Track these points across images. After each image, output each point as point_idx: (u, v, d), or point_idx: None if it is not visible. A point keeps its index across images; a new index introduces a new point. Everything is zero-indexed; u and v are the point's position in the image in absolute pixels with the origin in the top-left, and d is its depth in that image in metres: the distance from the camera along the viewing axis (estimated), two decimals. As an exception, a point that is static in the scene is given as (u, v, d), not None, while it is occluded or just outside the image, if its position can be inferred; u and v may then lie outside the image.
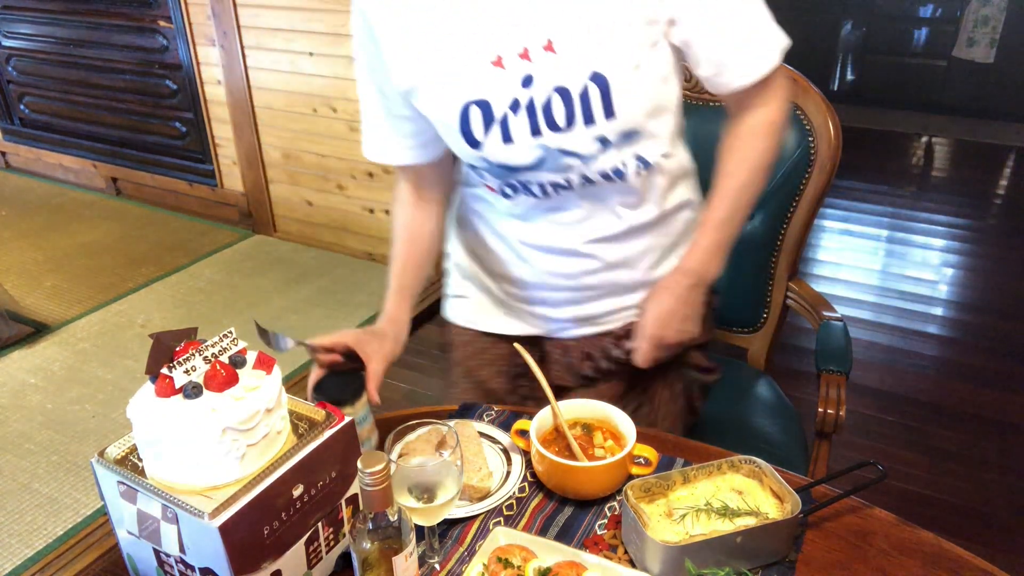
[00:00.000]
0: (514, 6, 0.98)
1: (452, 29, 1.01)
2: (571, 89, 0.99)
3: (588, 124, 1.00)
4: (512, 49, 0.99)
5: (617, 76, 0.98)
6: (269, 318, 3.03)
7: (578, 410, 1.06)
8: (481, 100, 1.02)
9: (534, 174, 1.07)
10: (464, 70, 1.02)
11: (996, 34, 4.88)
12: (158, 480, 0.77)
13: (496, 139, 1.03)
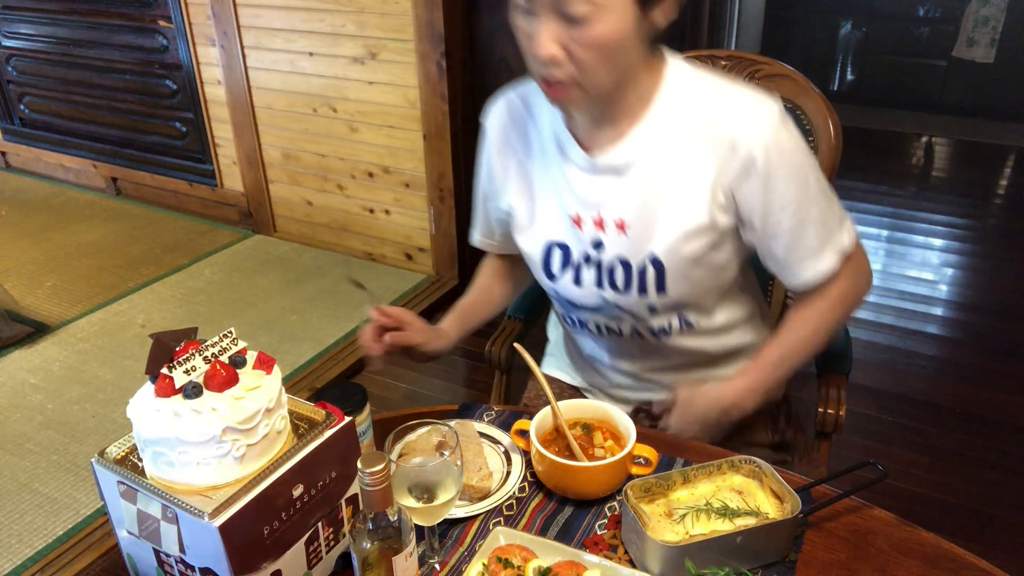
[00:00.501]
0: (601, 183, 1.10)
1: (555, 182, 1.15)
2: (632, 264, 1.11)
3: (641, 294, 1.12)
4: (590, 215, 1.12)
5: (674, 264, 1.09)
6: (269, 318, 3.03)
7: (578, 410, 1.06)
8: (563, 243, 1.16)
9: (593, 315, 1.20)
10: (552, 215, 1.16)
11: (996, 34, 4.88)
12: (158, 480, 0.77)
13: (569, 279, 1.17)
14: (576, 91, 1.00)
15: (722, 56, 1.55)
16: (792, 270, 1.12)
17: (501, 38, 2.87)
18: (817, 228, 1.09)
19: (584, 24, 0.93)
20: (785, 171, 1.04)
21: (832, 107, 1.47)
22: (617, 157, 1.08)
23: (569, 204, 1.14)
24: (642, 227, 1.09)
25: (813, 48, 5.41)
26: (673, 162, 1.06)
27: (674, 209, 1.07)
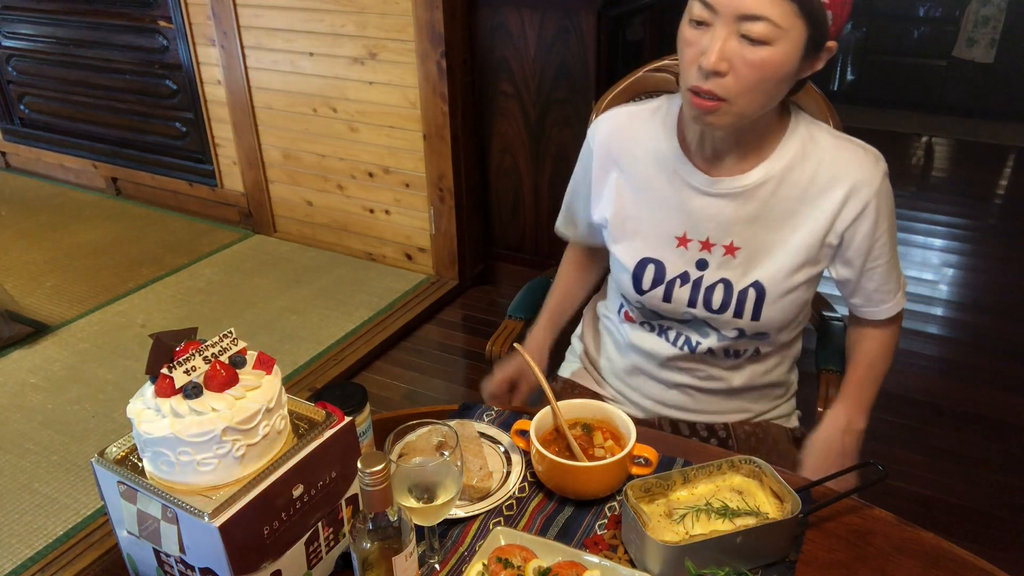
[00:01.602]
0: (726, 212, 1.14)
1: (662, 200, 1.19)
2: (735, 285, 1.17)
3: (737, 316, 1.17)
4: (698, 236, 1.17)
5: (774, 293, 1.16)
6: (269, 318, 3.03)
7: (578, 410, 1.06)
8: (658, 260, 1.20)
9: (679, 327, 1.24)
10: (651, 233, 1.20)
11: (996, 34, 4.88)
12: (158, 480, 0.77)
13: (658, 295, 1.21)
14: (726, 107, 1.03)
15: (722, 56, 1.55)
16: (878, 304, 1.23)
17: (501, 38, 2.87)
18: (896, 269, 1.24)
19: (759, 46, 0.98)
20: (887, 216, 1.16)
21: (832, 107, 1.47)
22: (741, 184, 1.13)
23: (676, 224, 1.18)
24: (751, 253, 1.16)
25: (813, 48, 5.40)
26: (791, 200, 1.13)
27: (786, 242, 1.14)
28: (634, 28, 3.00)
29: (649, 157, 1.20)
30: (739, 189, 1.14)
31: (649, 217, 1.21)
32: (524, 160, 3.04)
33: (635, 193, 1.22)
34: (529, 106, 2.93)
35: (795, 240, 1.14)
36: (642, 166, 1.21)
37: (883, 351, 1.28)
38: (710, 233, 1.17)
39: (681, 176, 1.17)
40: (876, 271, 1.20)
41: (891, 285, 1.23)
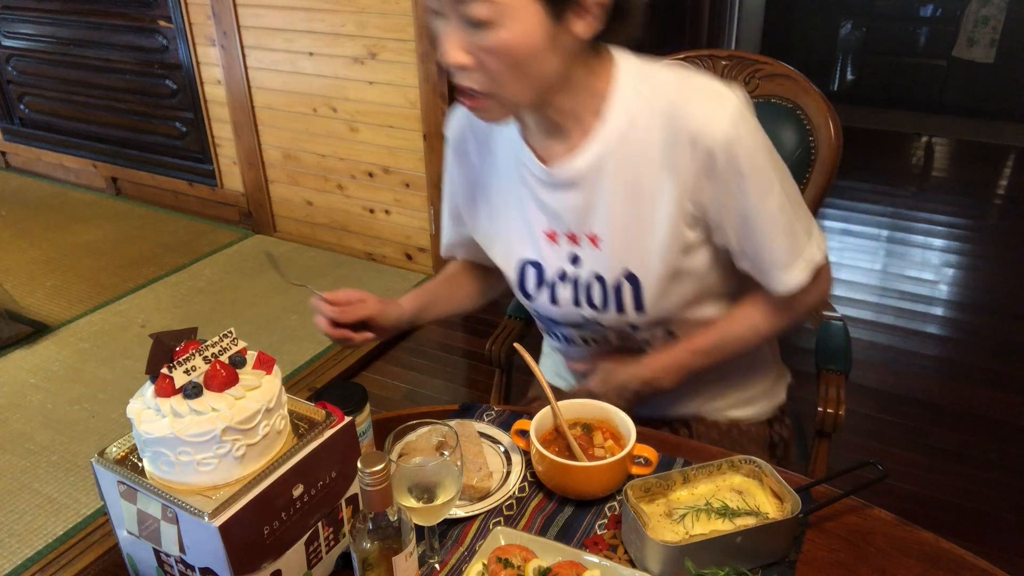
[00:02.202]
0: (574, 200, 1.05)
1: (521, 198, 1.11)
2: (607, 280, 1.07)
3: (619, 312, 1.09)
4: (562, 229, 1.09)
5: (649, 279, 1.05)
6: (269, 318, 3.03)
7: (578, 410, 1.06)
8: (536, 262, 1.12)
9: (574, 331, 1.17)
10: (521, 232, 1.12)
11: (996, 34, 4.88)
12: (158, 480, 0.77)
13: (545, 298, 1.14)
14: (491, 102, 0.95)
15: (722, 56, 1.55)
16: (761, 276, 1.07)
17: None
18: (786, 239, 1.03)
19: (487, 29, 0.88)
20: (748, 171, 0.97)
21: (832, 107, 1.47)
22: (573, 170, 1.03)
23: (539, 219, 1.10)
24: (615, 241, 1.05)
25: (813, 48, 5.41)
26: (636, 171, 1.00)
27: (644, 221, 1.02)
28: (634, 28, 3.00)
29: (503, 150, 1.11)
30: (574, 176, 1.03)
31: (518, 215, 1.11)
32: (524, 160, 3.04)
33: (499, 190, 1.13)
34: (529, 106, 2.93)
35: (657, 218, 1.01)
36: (501, 161, 1.12)
37: (753, 328, 1.12)
38: (570, 224, 1.07)
39: (528, 167, 1.08)
40: (747, 244, 1.03)
41: (779, 257, 1.03)
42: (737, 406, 1.27)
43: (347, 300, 1.15)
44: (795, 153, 1.49)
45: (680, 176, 0.98)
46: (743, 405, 1.28)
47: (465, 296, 1.33)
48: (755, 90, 1.53)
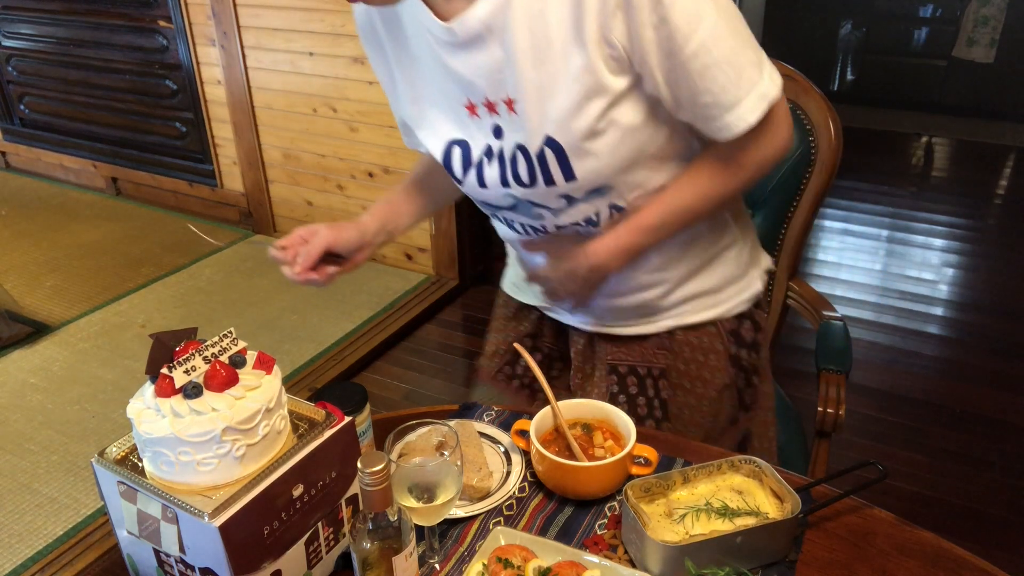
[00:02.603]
0: (482, 60, 0.95)
1: (435, 72, 1.02)
2: (530, 149, 0.98)
3: (549, 184, 0.99)
4: (478, 99, 1.00)
5: (572, 143, 0.95)
6: (269, 318, 3.03)
7: (578, 410, 1.06)
8: (461, 140, 1.05)
9: (511, 214, 1.10)
10: (443, 108, 1.04)
11: (996, 34, 4.88)
12: (158, 480, 0.77)
13: (473, 179, 1.06)
14: None
15: (722, 56, 1.55)
16: (706, 124, 0.94)
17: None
18: (726, 73, 0.89)
19: None
20: None
21: (832, 107, 1.48)
22: (475, 20, 0.92)
23: (455, 92, 1.00)
24: (530, 102, 0.94)
25: (813, 48, 5.41)
26: (544, 15, 0.89)
27: (558, 74, 0.91)
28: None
29: (411, 25, 1.01)
30: (477, 28, 0.93)
31: (437, 91, 1.03)
32: (524, 160, 3.04)
33: (418, 69, 1.04)
34: (529, 106, 2.93)
35: (572, 67, 0.90)
36: (412, 39, 1.02)
37: (702, 193, 1.01)
38: (485, 91, 0.97)
39: (430, 31, 0.97)
40: (683, 80, 0.90)
41: (721, 95, 0.91)
42: (704, 299, 1.17)
43: (300, 239, 1.14)
44: (795, 153, 1.49)
45: (591, 13, 0.87)
46: (710, 297, 1.17)
47: (440, 191, 1.25)
48: (755, 90, 1.53)
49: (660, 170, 1.02)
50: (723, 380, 1.19)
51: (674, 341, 1.18)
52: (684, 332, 1.17)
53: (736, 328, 1.19)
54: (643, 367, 1.19)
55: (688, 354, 1.18)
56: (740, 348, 1.20)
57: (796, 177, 1.50)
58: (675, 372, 1.18)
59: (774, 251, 1.58)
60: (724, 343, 1.18)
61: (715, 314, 1.17)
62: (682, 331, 1.17)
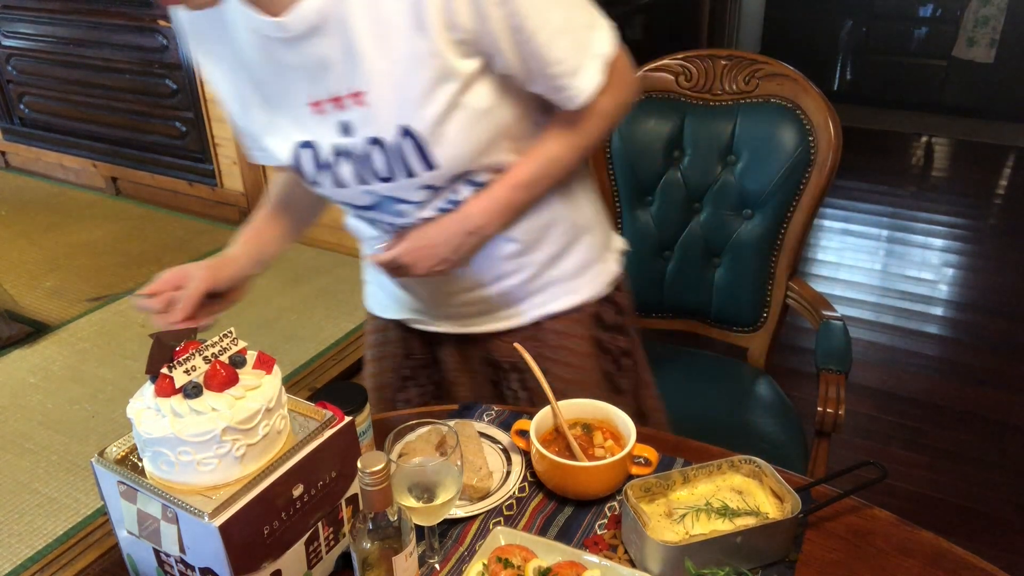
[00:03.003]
0: (321, 53, 0.92)
1: (272, 72, 0.97)
2: (385, 142, 0.95)
3: (409, 176, 0.97)
4: (324, 94, 0.95)
5: (429, 130, 0.93)
6: (269, 318, 3.03)
7: (578, 410, 1.06)
8: (309, 142, 1.00)
9: (374, 214, 1.07)
10: (290, 110, 0.99)
11: (996, 34, 4.88)
12: (158, 480, 0.77)
13: (329, 183, 1.02)
14: None
15: (722, 56, 1.56)
16: (557, 95, 0.97)
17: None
18: (567, 39, 0.93)
19: None
20: None
21: (832, 107, 1.48)
22: (309, 11, 0.89)
23: (297, 89, 0.96)
24: (380, 92, 0.92)
25: (813, 48, 5.41)
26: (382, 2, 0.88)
27: (406, 61, 0.90)
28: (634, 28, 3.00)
29: (240, 28, 0.96)
30: (312, 19, 0.89)
31: (279, 92, 0.98)
32: (524, 160, 3.04)
33: (257, 72, 0.99)
34: (529, 106, 2.93)
35: (418, 53, 0.89)
36: (244, 41, 0.96)
37: (569, 145, 1.03)
38: (329, 85, 0.94)
39: (260, 31, 0.93)
40: (527, 57, 0.91)
41: (566, 62, 0.93)
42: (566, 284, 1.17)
43: (170, 284, 1.09)
44: (795, 152, 1.49)
45: None
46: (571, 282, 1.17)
47: (304, 206, 1.19)
48: (755, 90, 1.54)
49: (517, 150, 1.03)
50: (589, 364, 1.21)
51: (540, 330, 1.18)
52: (550, 321, 1.18)
53: (598, 312, 1.21)
54: (509, 361, 1.20)
55: (555, 342, 1.18)
56: (604, 331, 1.22)
57: (796, 177, 1.51)
58: (544, 361, 1.16)
59: (774, 251, 1.58)
60: (588, 327, 1.20)
61: (578, 299, 1.18)
62: (548, 320, 1.18)
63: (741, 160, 1.55)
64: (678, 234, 1.65)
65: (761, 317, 1.63)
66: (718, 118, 1.56)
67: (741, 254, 1.60)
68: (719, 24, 4.49)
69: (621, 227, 1.68)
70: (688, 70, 1.58)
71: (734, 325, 1.67)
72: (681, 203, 1.63)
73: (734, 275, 1.62)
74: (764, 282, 1.60)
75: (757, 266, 1.59)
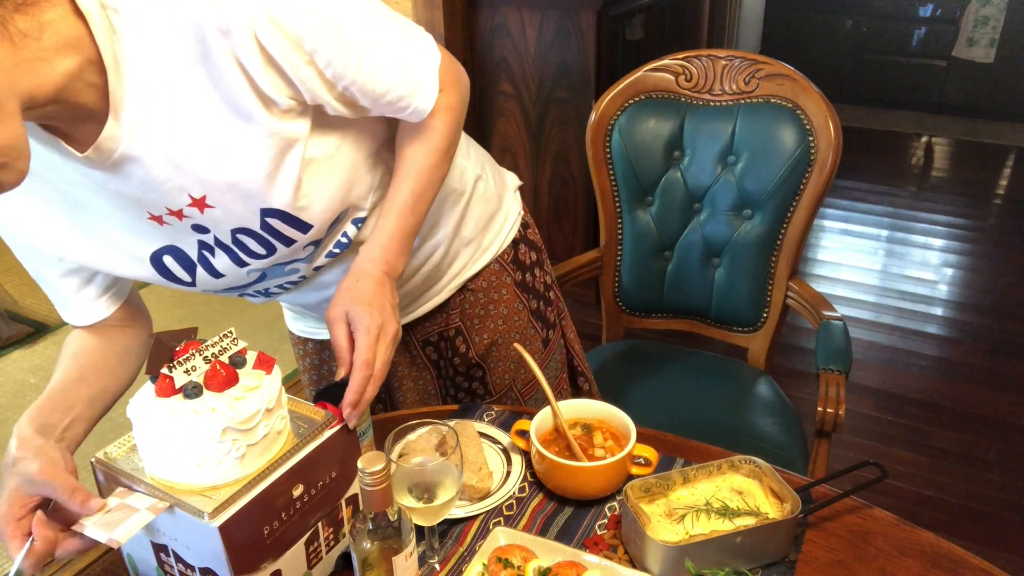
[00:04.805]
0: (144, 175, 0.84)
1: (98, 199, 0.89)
2: (251, 228, 0.90)
3: (288, 245, 0.94)
4: (160, 210, 0.88)
5: (290, 201, 0.89)
6: (269, 318, 3.03)
7: (578, 410, 1.06)
8: (169, 247, 0.93)
9: (263, 284, 1.03)
10: (130, 229, 0.91)
11: (996, 34, 4.88)
12: (158, 480, 0.77)
13: (205, 276, 0.97)
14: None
15: (722, 56, 1.56)
16: (401, 114, 0.95)
17: (501, 38, 2.87)
18: (395, 64, 0.90)
19: None
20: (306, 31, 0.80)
21: (832, 107, 1.48)
22: (110, 141, 0.80)
23: (130, 209, 0.88)
24: (224, 191, 0.86)
25: (813, 48, 5.41)
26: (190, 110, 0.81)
27: (240, 155, 0.84)
28: (634, 28, 3.00)
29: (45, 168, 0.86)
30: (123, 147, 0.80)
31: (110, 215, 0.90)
32: (524, 160, 3.04)
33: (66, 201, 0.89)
34: (529, 106, 2.93)
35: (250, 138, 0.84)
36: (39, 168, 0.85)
37: (432, 148, 0.98)
38: (163, 202, 0.87)
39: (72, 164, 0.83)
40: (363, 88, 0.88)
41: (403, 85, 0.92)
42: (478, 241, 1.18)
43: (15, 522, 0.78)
44: (795, 152, 1.49)
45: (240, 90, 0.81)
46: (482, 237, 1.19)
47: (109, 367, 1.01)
48: (755, 90, 1.54)
49: (376, 164, 1.00)
50: (518, 308, 1.24)
51: (467, 293, 1.20)
52: (473, 281, 1.20)
53: (515, 255, 1.23)
54: (446, 331, 1.22)
55: (483, 299, 1.21)
56: (524, 273, 1.25)
57: (796, 177, 1.51)
58: (475, 320, 1.20)
59: (774, 251, 1.58)
60: (510, 273, 1.22)
61: (492, 253, 1.20)
62: (471, 281, 1.20)
63: (741, 160, 1.55)
64: (678, 234, 1.65)
65: (761, 317, 1.63)
66: (718, 118, 1.56)
67: (741, 254, 1.60)
68: (719, 24, 4.49)
69: (621, 227, 1.68)
70: (688, 70, 1.58)
71: (734, 325, 1.67)
72: (681, 203, 1.63)
73: (734, 275, 1.62)
74: (764, 282, 1.60)
75: (757, 266, 1.59)
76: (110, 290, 1.00)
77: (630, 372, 1.68)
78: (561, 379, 1.33)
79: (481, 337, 1.22)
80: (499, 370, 1.25)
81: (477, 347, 1.22)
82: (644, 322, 1.76)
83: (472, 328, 1.21)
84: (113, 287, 1.00)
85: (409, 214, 0.98)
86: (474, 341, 1.22)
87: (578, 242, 3.07)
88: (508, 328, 1.23)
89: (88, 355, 1.00)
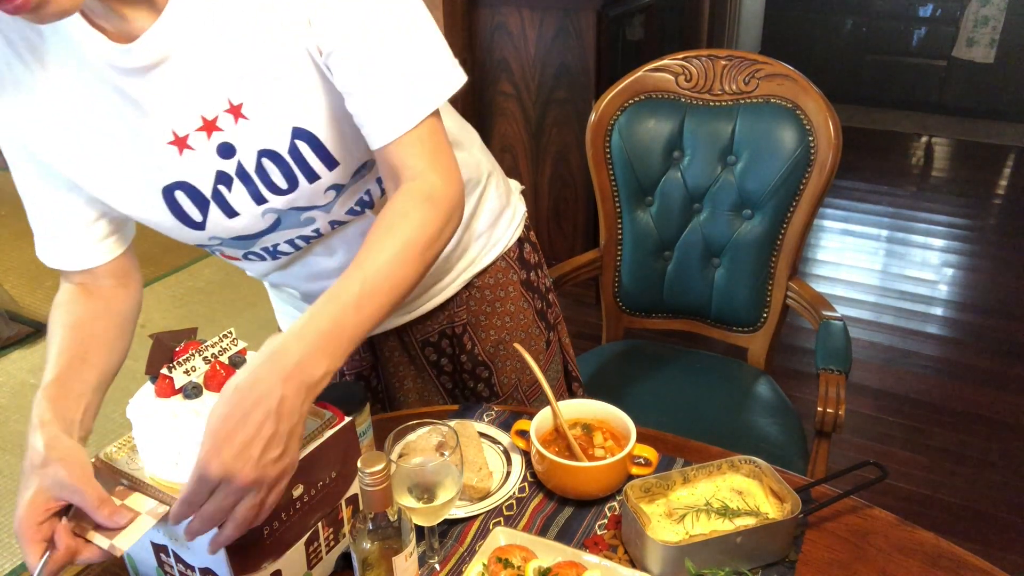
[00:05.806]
0: (188, 74, 0.82)
1: (115, 114, 0.85)
2: (279, 150, 0.87)
3: (312, 180, 0.89)
4: (191, 126, 0.85)
5: (321, 125, 0.86)
6: (269, 318, 3.03)
7: (578, 410, 1.06)
8: (181, 183, 0.89)
9: (275, 236, 0.96)
10: (147, 160, 0.87)
11: (996, 34, 4.88)
12: (158, 480, 0.77)
13: (218, 216, 0.91)
14: None
15: (722, 56, 1.56)
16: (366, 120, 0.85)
17: (501, 38, 2.87)
18: (406, 54, 0.84)
19: None
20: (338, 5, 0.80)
21: (832, 107, 1.48)
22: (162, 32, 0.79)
23: (153, 128, 0.85)
24: (262, 97, 0.84)
25: (813, 48, 5.41)
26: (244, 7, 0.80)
27: (280, 60, 0.82)
28: (634, 28, 3.00)
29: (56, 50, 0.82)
30: (169, 43, 0.79)
31: (125, 137, 0.86)
32: (524, 160, 3.04)
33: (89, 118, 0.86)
34: (529, 106, 2.93)
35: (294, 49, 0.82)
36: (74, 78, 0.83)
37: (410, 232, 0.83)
38: (200, 108, 0.84)
39: (100, 62, 0.80)
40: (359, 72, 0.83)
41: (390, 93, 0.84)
42: (486, 236, 1.16)
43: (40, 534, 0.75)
44: (795, 153, 1.49)
45: None
46: (490, 233, 1.17)
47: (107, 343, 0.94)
48: (755, 90, 1.54)
49: None
50: (523, 307, 1.23)
51: (473, 290, 1.19)
52: (479, 278, 1.19)
53: (520, 253, 1.24)
54: (450, 328, 1.21)
55: (489, 296, 1.20)
56: (529, 272, 1.25)
57: (796, 177, 1.51)
58: (482, 317, 1.20)
59: (774, 251, 1.58)
60: (516, 272, 1.23)
61: (500, 249, 1.20)
62: (477, 278, 1.19)
63: (741, 160, 1.55)
64: (678, 234, 1.65)
65: (761, 317, 1.63)
66: (718, 118, 1.57)
67: (741, 254, 1.60)
68: (719, 24, 4.49)
69: (621, 227, 1.68)
70: (688, 70, 1.58)
71: (734, 325, 1.67)
72: (681, 203, 1.63)
73: (734, 275, 1.62)
74: (764, 282, 1.60)
75: (757, 266, 1.59)
76: (116, 233, 0.96)
77: (630, 372, 1.68)
78: (560, 382, 1.34)
79: (488, 335, 1.22)
80: (506, 370, 1.25)
81: (484, 344, 1.22)
82: (644, 322, 1.76)
83: (479, 325, 1.21)
84: (119, 231, 0.97)
85: (352, 311, 0.77)
86: (480, 338, 1.21)
87: (578, 242, 3.07)
88: (515, 326, 1.23)
89: (86, 326, 0.92)
